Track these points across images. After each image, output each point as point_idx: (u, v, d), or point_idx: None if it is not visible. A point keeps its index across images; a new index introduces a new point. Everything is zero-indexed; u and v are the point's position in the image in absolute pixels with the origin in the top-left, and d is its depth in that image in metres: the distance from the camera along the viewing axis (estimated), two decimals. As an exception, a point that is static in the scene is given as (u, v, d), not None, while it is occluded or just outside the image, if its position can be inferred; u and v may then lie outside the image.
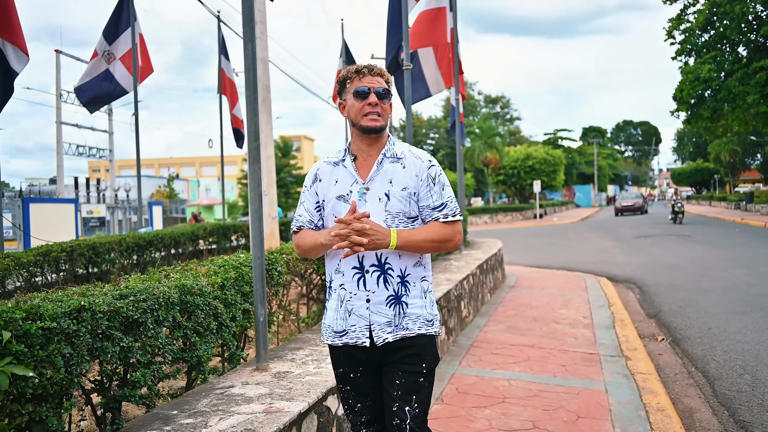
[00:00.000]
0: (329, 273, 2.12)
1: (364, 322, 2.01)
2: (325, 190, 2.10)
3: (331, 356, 2.15)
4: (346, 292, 2.03)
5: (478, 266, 7.39)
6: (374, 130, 2.04)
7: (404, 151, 2.10)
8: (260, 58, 9.40)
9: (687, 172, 62.05)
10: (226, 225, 12.04)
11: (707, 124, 24.47)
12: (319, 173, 2.13)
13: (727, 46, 23.76)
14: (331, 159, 2.16)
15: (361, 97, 2.04)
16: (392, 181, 2.05)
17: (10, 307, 2.11)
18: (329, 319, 2.09)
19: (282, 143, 39.64)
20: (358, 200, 2.03)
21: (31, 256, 6.58)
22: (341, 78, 2.12)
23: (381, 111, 2.04)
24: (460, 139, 9.76)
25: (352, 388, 2.10)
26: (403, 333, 2.01)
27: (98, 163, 50.39)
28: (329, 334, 2.09)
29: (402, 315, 2.02)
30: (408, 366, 2.01)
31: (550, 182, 42.13)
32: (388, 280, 2.02)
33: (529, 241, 18.71)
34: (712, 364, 4.91)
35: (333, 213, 2.06)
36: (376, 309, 2.00)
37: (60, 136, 23.39)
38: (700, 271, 9.98)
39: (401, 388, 2.01)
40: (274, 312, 4.07)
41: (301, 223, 2.14)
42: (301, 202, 2.17)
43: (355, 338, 2.02)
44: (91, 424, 2.95)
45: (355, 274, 2.02)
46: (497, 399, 4.09)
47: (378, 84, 2.06)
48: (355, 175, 2.07)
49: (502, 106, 65.43)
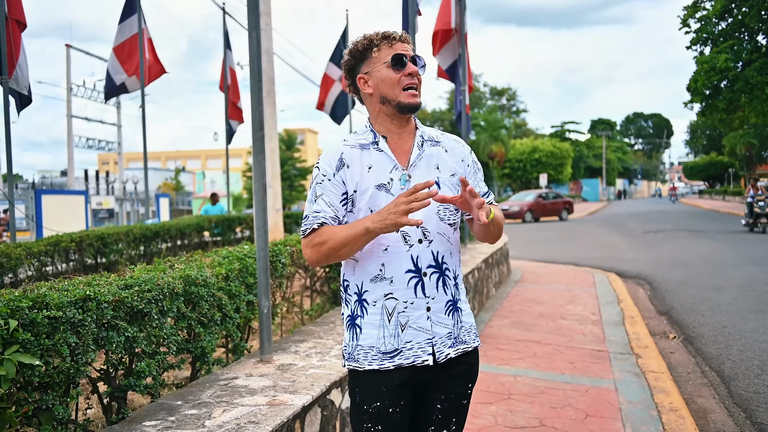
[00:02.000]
0: (358, 282, 1.70)
1: (425, 335, 1.66)
2: (358, 178, 1.67)
3: (359, 388, 1.70)
4: (397, 302, 1.66)
5: (483, 260, 7.35)
6: (415, 107, 1.69)
7: (438, 135, 1.80)
8: (265, 50, 9.38)
9: (700, 166, 61.31)
10: (231, 217, 12.09)
11: (723, 115, 24.03)
12: (345, 158, 1.69)
13: (745, 35, 23.23)
14: (357, 141, 1.73)
15: (401, 66, 1.67)
16: (439, 166, 1.73)
17: (17, 296, 2.12)
18: (370, 339, 1.67)
19: (286, 136, 39.60)
20: (401, 189, 1.67)
21: (42, 246, 6.68)
22: (360, 47, 1.72)
23: (418, 84, 1.71)
24: (466, 132, 9.70)
25: (385, 428, 1.67)
26: (463, 347, 1.73)
27: (108, 156, 50.67)
28: (373, 357, 1.66)
29: (459, 324, 1.73)
30: (456, 387, 1.73)
31: (557, 176, 41.95)
32: (447, 283, 1.70)
33: (534, 235, 18.60)
34: (728, 363, 4.80)
35: (370, 206, 1.66)
36: (436, 319, 1.68)
37: (70, 129, 23.54)
38: (712, 267, 9.84)
39: (442, 412, 1.72)
40: (278, 304, 4.07)
41: (323, 220, 1.65)
42: (317, 196, 1.68)
43: (413, 357, 1.65)
44: (98, 412, 2.96)
45: (411, 278, 1.66)
46: (503, 395, 4.06)
47: (413, 52, 1.73)
48: (394, 159, 1.69)
49: (508, 98, 64.89)
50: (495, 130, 38.37)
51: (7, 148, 6.92)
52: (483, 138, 37.97)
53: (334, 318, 4.40)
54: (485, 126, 38.94)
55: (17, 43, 6.88)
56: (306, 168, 39.30)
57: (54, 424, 2.23)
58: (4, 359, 1.94)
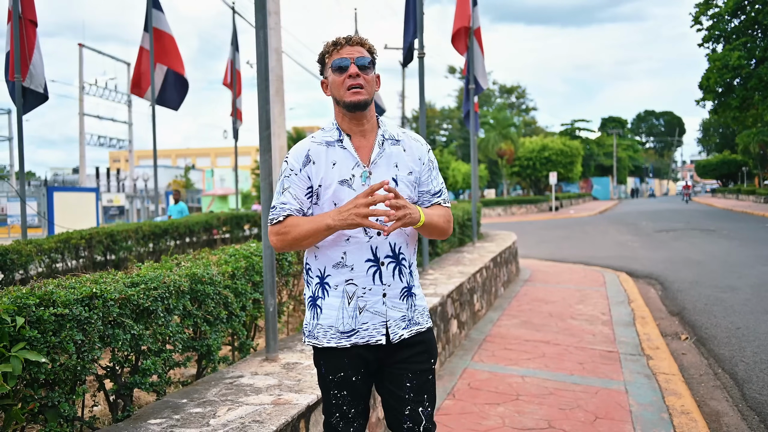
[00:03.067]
0: (320, 267, 1.88)
1: (380, 318, 1.86)
2: (323, 174, 1.84)
3: (325, 361, 1.90)
4: (356, 288, 1.84)
5: (491, 259, 7.31)
6: (358, 105, 1.82)
7: (399, 133, 1.95)
8: (274, 49, 9.39)
9: (712, 165, 60.53)
10: (239, 214, 12.12)
11: (736, 113, 23.80)
12: (312, 154, 1.86)
13: (758, 32, 22.98)
14: (323, 138, 1.90)
15: (341, 71, 1.83)
16: (398, 165, 1.89)
17: (24, 293, 2.12)
18: (330, 319, 1.87)
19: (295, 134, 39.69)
20: (362, 185, 1.84)
21: (52, 243, 6.73)
22: (320, 55, 1.91)
23: (364, 83, 1.82)
24: (474, 129, 9.65)
25: (350, 392, 1.90)
26: (416, 328, 1.92)
27: (119, 154, 51.09)
28: (332, 336, 1.87)
29: (413, 308, 1.92)
30: (419, 364, 1.91)
31: (567, 174, 41.57)
32: (402, 272, 1.89)
33: (544, 234, 18.48)
34: (741, 365, 4.72)
35: (333, 200, 1.83)
36: (392, 303, 1.87)
37: (82, 127, 23.77)
38: (726, 267, 9.68)
39: (413, 390, 1.90)
40: (284, 302, 4.06)
41: (288, 212, 1.84)
42: (284, 189, 1.86)
43: (368, 337, 1.85)
44: (104, 409, 2.97)
45: (370, 267, 1.84)
46: (511, 396, 4.02)
47: (358, 53, 1.85)
48: (356, 157, 1.86)
49: (517, 96, 64.47)
50: (504, 128, 38.07)
51: (20, 146, 6.99)
52: (492, 136, 37.72)
53: (341, 316, 4.39)
54: (494, 124, 38.66)
55: (31, 43, 6.94)
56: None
57: (60, 421, 2.23)
58: (11, 356, 1.95)
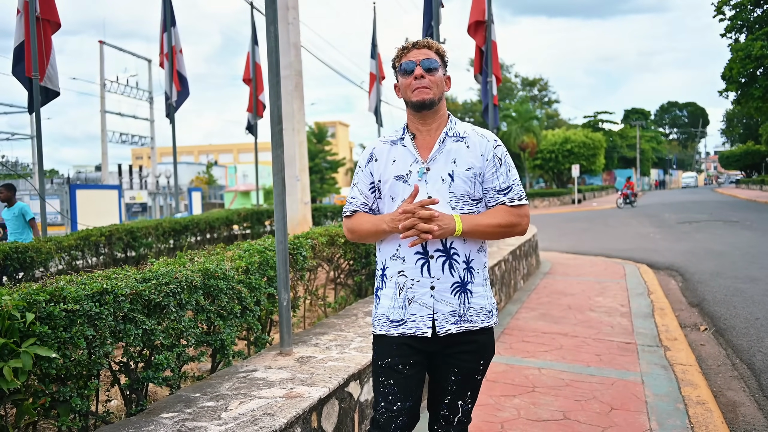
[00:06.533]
0: (383, 259, 1.99)
1: (427, 311, 1.89)
2: (382, 170, 1.98)
3: (376, 347, 1.98)
4: (406, 279, 1.91)
5: (510, 252, 7.23)
6: (424, 104, 1.91)
7: (467, 131, 1.99)
8: (292, 44, 9.39)
9: (736, 155, 59.20)
10: (260, 210, 12.18)
11: (759, 104, 23.31)
12: (375, 152, 2.01)
13: (782, 22, 22.44)
14: (389, 138, 2.04)
15: (407, 73, 1.93)
16: (456, 161, 1.93)
17: (34, 289, 2.15)
18: (384, 308, 1.96)
19: (317, 129, 39.76)
20: (418, 180, 1.92)
21: (72, 240, 6.80)
22: (392, 61, 2.03)
23: (429, 83, 1.91)
24: (493, 123, 9.54)
25: (396, 382, 1.91)
26: (467, 326, 1.91)
27: (141, 151, 51.81)
28: (383, 324, 1.95)
29: (467, 305, 1.91)
30: (466, 363, 1.94)
31: (590, 166, 40.98)
32: (454, 267, 1.90)
33: (566, 226, 18.25)
34: (759, 356, 4.66)
35: (390, 194, 1.95)
36: (440, 297, 1.90)
37: (104, 124, 24.14)
38: (748, 258, 9.50)
39: (456, 384, 1.95)
40: (299, 297, 4.07)
41: (354, 207, 2.02)
42: (354, 184, 2.06)
43: (415, 328, 1.90)
44: (120, 404, 3.01)
45: (419, 260, 1.90)
46: (527, 388, 3.99)
47: (424, 56, 1.93)
48: (415, 154, 1.95)
49: (539, 88, 63.62)
50: (526, 121, 37.63)
51: (38, 143, 7.13)
52: (514, 129, 37.31)
53: (356, 311, 4.39)
54: (516, 117, 38.24)
55: (48, 43, 7.06)
56: (336, 161, 39.37)
57: (75, 416, 2.27)
58: (21, 352, 1.97)
